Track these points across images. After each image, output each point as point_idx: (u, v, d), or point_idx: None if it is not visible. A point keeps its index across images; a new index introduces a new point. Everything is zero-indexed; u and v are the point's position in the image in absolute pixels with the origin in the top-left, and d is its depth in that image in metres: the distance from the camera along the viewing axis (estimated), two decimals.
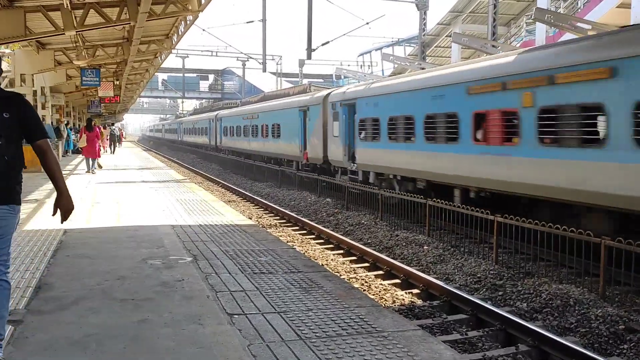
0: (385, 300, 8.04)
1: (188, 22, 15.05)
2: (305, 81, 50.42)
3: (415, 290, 8.60)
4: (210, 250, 6.15)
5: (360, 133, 16.10)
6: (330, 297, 4.53)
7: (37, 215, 8.65)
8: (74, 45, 16.73)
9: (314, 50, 20.05)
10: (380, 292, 8.53)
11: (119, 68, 22.97)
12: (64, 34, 12.23)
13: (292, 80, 62.54)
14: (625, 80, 7.78)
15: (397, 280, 9.20)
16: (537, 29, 20.38)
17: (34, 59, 17.52)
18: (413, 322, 5.99)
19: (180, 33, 16.88)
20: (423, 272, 9.47)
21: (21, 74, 17.51)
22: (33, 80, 18.68)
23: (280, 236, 11.11)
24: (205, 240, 6.77)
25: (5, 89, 3.45)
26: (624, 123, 7.76)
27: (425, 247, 11.00)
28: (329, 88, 28.93)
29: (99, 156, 18.64)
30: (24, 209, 9.20)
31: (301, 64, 54.63)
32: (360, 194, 15.32)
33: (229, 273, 5.18)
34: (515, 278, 8.64)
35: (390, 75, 30.38)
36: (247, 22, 27.59)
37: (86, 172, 17.37)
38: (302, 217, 14.97)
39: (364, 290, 7.77)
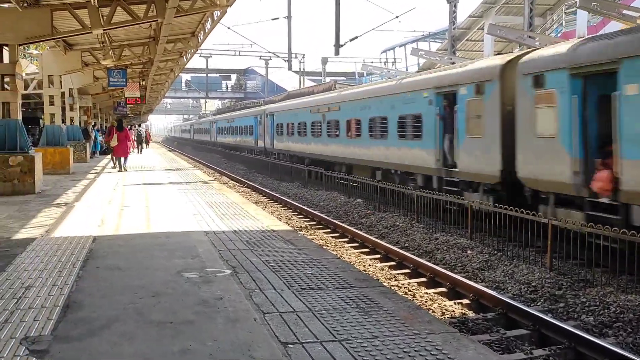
0: (434, 311, 7.43)
1: (215, 18, 14.63)
2: (327, 79, 49.91)
3: (465, 301, 7.97)
4: (250, 261, 5.63)
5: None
6: (395, 320, 3.95)
7: (65, 220, 8.28)
8: (101, 45, 16.50)
9: (342, 46, 19.46)
10: (426, 302, 7.93)
11: (145, 68, 22.79)
12: (91, 32, 11.93)
13: (315, 79, 62.03)
14: None
15: (443, 289, 8.59)
16: (578, 19, 19.43)
17: (61, 59, 17.36)
18: (502, 356, 5.35)
19: (206, 30, 16.50)
20: (470, 279, 8.85)
21: (49, 75, 17.36)
22: (61, 81, 18.54)
23: (324, 245, 10.53)
24: (242, 248, 6.26)
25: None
26: None
27: (469, 252, 10.34)
28: (352, 85, 28.28)
29: (127, 155, 19.35)
30: (51, 213, 8.86)
31: (324, 61, 54.06)
32: (393, 195, 14.70)
33: (275, 289, 4.65)
34: (575, 287, 7.92)
35: (418, 71, 29.60)
36: (273, 19, 27.09)
37: (117, 170, 18.24)
38: (333, 218, 14.44)
39: (427, 308, 7.14)
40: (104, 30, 12.18)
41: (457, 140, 12.37)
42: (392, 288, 7.50)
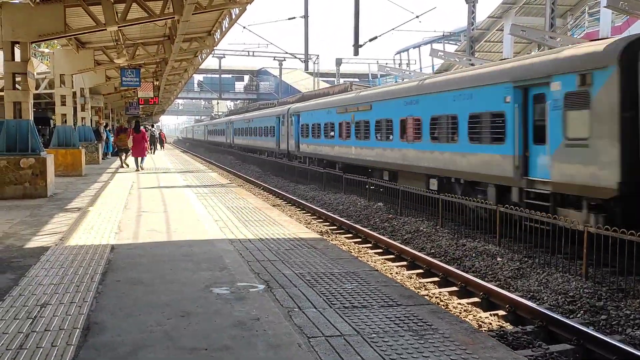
0: (469, 323, 6.93)
1: (233, 16, 14.22)
2: (341, 81, 49.47)
3: (501, 312, 7.48)
4: (283, 274, 5.16)
5: None
6: (454, 346, 3.47)
7: (80, 226, 7.86)
8: (115, 43, 16.14)
9: (361, 46, 18.95)
10: (460, 313, 7.44)
11: (159, 68, 22.44)
12: (105, 29, 11.54)
13: (328, 80, 61.60)
14: None
15: (476, 299, 8.09)
16: (602, 19, 18.82)
17: (73, 58, 17.02)
18: None
19: (223, 29, 16.09)
20: (503, 288, 8.35)
21: (60, 75, 17.03)
22: (72, 81, 18.21)
23: (360, 257, 10.01)
24: (272, 259, 5.79)
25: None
26: None
27: (499, 259, 9.83)
28: (368, 86, 27.85)
29: (145, 155, 20.07)
30: (64, 219, 8.45)
31: (338, 62, 53.62)
32: (415, 199, 14.17)
33: (315, 307, 4.17)
34: (615, 298, 7.41)
35: (436, 72, 29.07)
36: (289, 19, 26.64)
37: (135, 170, 18.87)
38: (354, 223, 13.96)
39: (463, 320, 6.62)
40: (118, 27, 11.80)
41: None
42: (441, 305, 7.01)
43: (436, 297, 8.09)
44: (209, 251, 6.16)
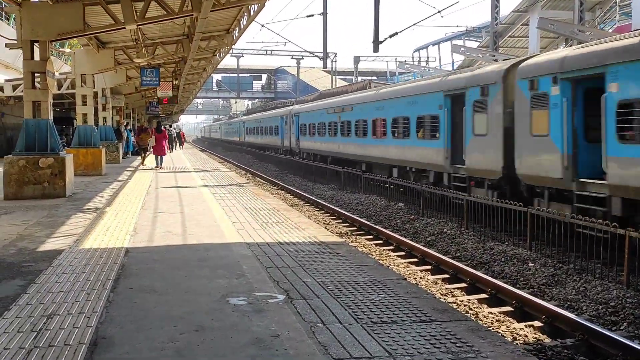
0: (503, 335, 6.52)
1: (252, 13, 13.95)
2: (359, 79, 49.01)
3: (537, 323, 7.05)
4: (304, 282, 4.84)
5: None
6: None
7: (96, 228, 7.65)
8: (134, 43, 16.02)
9: (382, 42, 18.53)
10: (492, 323, 7.03)
11: (178, 67, 22.35)
12: (124, 27, 11.36)
13: (346, 79, 61.15)
14: None
15: (508, 308, 7.66)
16: (634, 11, 18.09)
17: (94, 58, 16.97)
18: None
19: (242, 27, 15.84)
20: (537, 296, 7.91)
21: (81, 74, 16.98)
22: (94, 80, 18.18)
23: (381, 260, 9.64)
24: (292, 265, 5.47)
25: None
26: None
27: (530, 264, 9.37)
28: (386, 84, 27.27)
29: (165, 154, 21.50)
30: (81, 220, 8.27)
31: (356, 60, 53.14)
32: (439, 200, 13.76)
33: (340, 323, 3.84)
34: None
35: (457, 69, 28.48)
36: (308, 16, 26.27)
37: (155, 167, 19.83)
38: (374, 224, 13.60)
39: (494, 331, 6.24)
40: (137, 25, 11.61)
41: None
42: (481, 322, 6.60)
43: (465, 305, 7.70)
44: (225, 256, 5.88)
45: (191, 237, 6.93)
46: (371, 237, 12.50)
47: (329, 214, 15.61)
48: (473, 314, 7.38)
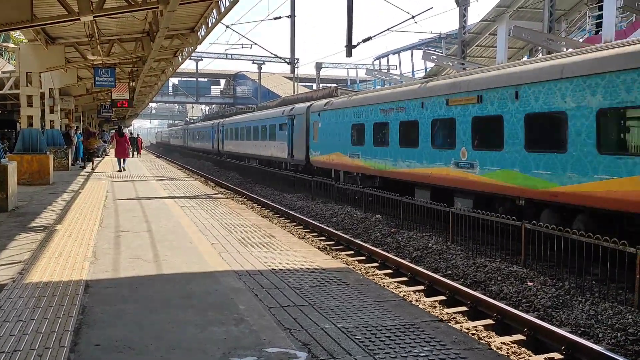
0: None
1: (222, 10, 12.84)
2: (321, 85, 48.32)
3: (557, 355, 6.30)
4: (323, 330, 3.82)
5: None
6: None
7: (46, 252, 6.35)
8: (89, 39, 14.54)
9: (355, 47, 17.73)
10: (509, 356, 6.23)
11: (135, 68, 20.82)
12: (78, 19, 10.01)
13: (307, 85, 60.34)
14: None
15: (520, 336, 6.88)
16: (605, 22, 18.09)
17: (42, 55, 15.34)
18: None
19: (209, 25, 14.68)
20: (544, 320, 7.21)
21: (27, 73, 15.31)
22: (41, 80, 16.51)
23: (399, 292, 8.57)
24: (300, 303, 4.45)
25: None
26: None
27: (529, 283, 8.68)
28: (354, 91, 26.74)
29: (128, 156, 22.62)
30: (27, 242, 6.94)
31: (318, 67, 52.50)
32: (419, 211, 12.99)
33: None
34: None
35: (424, 77, 28.14)
36: (275, 18, 25.25)
37: (117, 170, 20.73)
38: (353, 237, 12.72)
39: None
40: (94, 17, 10.27)
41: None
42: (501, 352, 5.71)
43: (472, 334, 6.87)
44: (214, 291, 4.78)
45: (166, 265, 5.76)
46: (352, 252, 11.66)
47: (302, 226, 14.65)
48: (484, 344, 6.55)
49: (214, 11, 13.53)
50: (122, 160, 21.16)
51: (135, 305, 4.34)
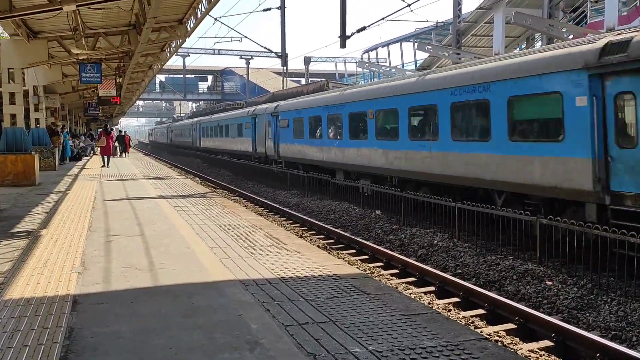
0: None
1: (212, 0, 12.20)
2: (309, 80, 47.66)
3: None
4: (354, 356, 3.27)
5: None
6: None
7: (30, 262, 5.74)
8: (72, 32, 13.82)
9: (349, 37, 17.15)
10: None
11: (122, 63, 20.06)
12: (60, 8, 9.33)
13: (296, 80, 59.62)
14: None
15: (548, 343, 6.40)
16: (607, 8, 17.66)
17: (24, 50, 14.59)
18: None
19: (199, 16, 14.02)
20: (569, 323, 6.75)
21: (9, 69, 14.55)
22: (24, 76, 15.75)
23: (432, 305, 7.95)
24: (320, 320, 3.90)
25: None
26: None
27: (548, 282, 8.21)
28: (346, 84, 26.26)
29: (112, 155, 23.79)
30: (8, 250, 6.31)
31: (307, 61, 51.84)
32: (422, 207, 12.49)
33: None
34: None
35: (418, 69, 27.63)
36: (265, 10, 24.52)
37: (102, 166, 21.75)
38: (353, 235, 12.21)
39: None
40: (77, 6, 9.60)
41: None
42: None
43: (495, 340, 6.37)
44: (219, 306, 4.21)
45: (163, 275, 5.18)
46: (354, 251, 11.18)
47: (298, 225, 14.12)
48: (511, 351, 6.05)
49: (204, 1, 12.89)
50: (107, 157, 22.25)
51: (131, 327, 3.76)
